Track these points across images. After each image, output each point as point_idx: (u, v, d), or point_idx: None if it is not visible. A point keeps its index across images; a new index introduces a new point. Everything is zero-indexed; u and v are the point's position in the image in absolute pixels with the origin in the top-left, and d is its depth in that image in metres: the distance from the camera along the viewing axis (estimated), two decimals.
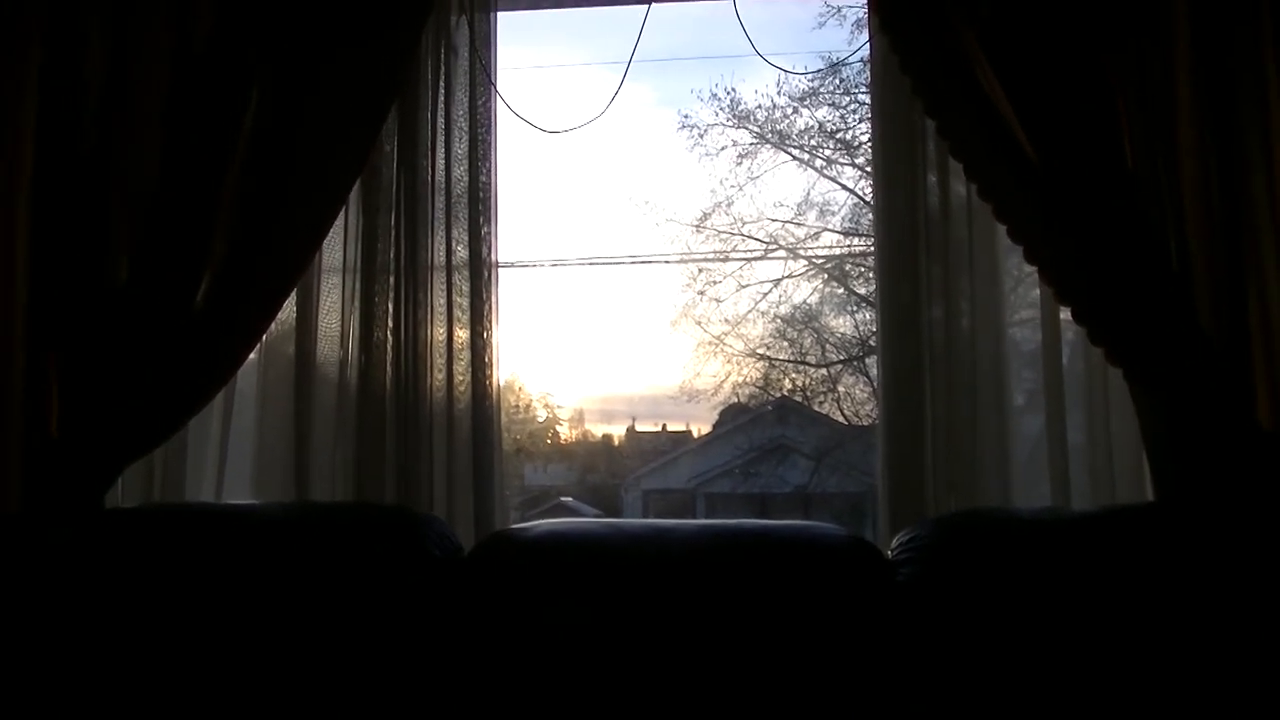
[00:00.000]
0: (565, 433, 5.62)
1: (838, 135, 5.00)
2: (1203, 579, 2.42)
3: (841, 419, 5.25)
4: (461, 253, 3.23)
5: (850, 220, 5.01)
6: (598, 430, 5.73)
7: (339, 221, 3.17)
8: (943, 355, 3.10)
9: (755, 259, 5.08)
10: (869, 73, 3.38)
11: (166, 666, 2.53)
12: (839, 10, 4.32)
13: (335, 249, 3.24)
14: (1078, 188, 2.73)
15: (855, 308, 5.10)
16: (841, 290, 5.18)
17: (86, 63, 3.04)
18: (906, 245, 3.16)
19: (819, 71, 4.61)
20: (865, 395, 5.12)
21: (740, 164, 4.98)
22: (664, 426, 5.71)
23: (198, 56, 3.03)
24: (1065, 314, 2.89)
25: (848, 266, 5.12)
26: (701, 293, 5.08)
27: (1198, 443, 2.73)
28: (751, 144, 4.99)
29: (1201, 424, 2.70)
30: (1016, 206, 2.81)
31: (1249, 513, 2.57)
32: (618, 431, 5.74)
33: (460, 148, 3.24)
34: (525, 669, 2.49)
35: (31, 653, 2.54)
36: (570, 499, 5.37)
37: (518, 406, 5.14)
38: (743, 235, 5.05)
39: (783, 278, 5.13)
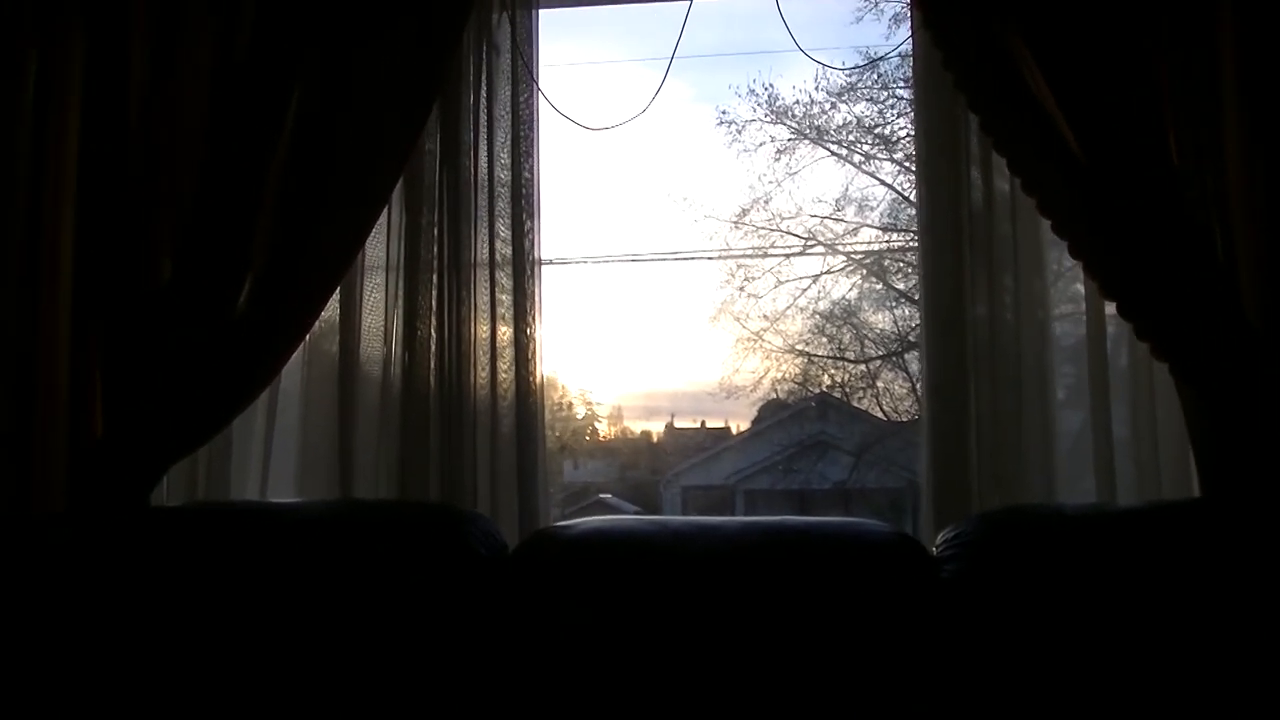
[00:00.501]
0: (604, 429, 5.63)
1: (876, 130, 5.00)
2: (1250, 577, 2.40)
3: (881, 415, 5.23)
4: (504, 249, 3.24)
5: (889, 215, 5.00)
6: (636, 427, 5.74)
7: (381, 219, 3.17)
8: (986, 351, 3.10)
9: (794, 255, 5.07)
10: (909, 68, 3.37)
11: (211, 664, 2.54)
12: (877, 5, 4.30)
13: (378, 246, 3.25)
14: (1123, 183, 2.72)
15: (894, 303, 5.09)
16: (880, 286, 5.17)
17: (130, 67, 3.06)
18: (950, 241, 3.15)
19: (859, 67, 4.60)
20: (904, 391, 5.11)
21: (778, 159, 4.97)
22: (703, 423, 5.71)
23: (239, 59, 3.05)
24: (1109, 308, 2.87)
25: (886, 262, 5.10)
26: (740, 289, 5.07)
27: (1244, 438, 2.71)
28: (790, 139, 4.97)
29: (1248, 419, 2.68)
30: (1061, 201, 2.79)
31: None
32: (656, 428, 5.75)
33: (503, 144, 3.25)
34: (570, 667, 2.49)
35: (77, 651, 2.56)
36: (610, 496, 5.36)
37: (560, 404, 5.15)
38: (781, 231, 5.04)
39: (821, 273, 5.12)
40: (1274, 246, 2.71)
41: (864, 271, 5.16)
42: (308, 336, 3.20)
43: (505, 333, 3.22)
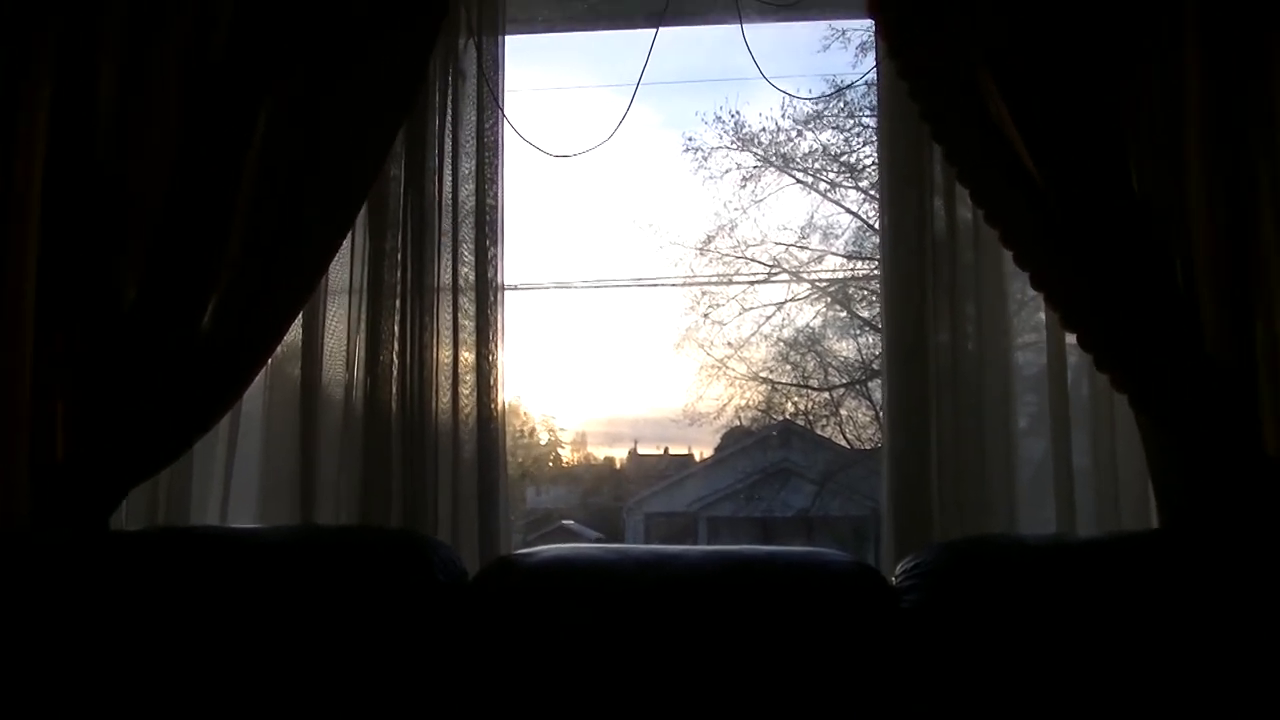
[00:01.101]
0: (568, 455, 5.63)
1: (842, 158, 5.03)
2: (1208, 607, 2.42)
3: (844, 442, 5.26)
4: (468, 274, 3.23)
5: (854, 244, 5.03)
6: (600, 453, 5.74)
7: (345, 244, 3.16)
8: (949, 379, 3.10)
9: (759, 282, 5.09)
10: (875, 97, 3.37)
11: (169, 690, 2.52)
12: (843, 34, 4.32)
13: (342, 270, 3.24)
14: (1086, 214, 2.74)
15: (858, 331, 5.12)
16: (845, 314, 5.20)
17: (99, 86, 3.05)
18: (912, 269, 3.16)
19: (824, 95, 4.63)
20: (868, 419, 5.13)
21: (744, 187, 5.01)
22: (666, 449, 5.72)
23: (208, 80, 3.03)
24: (1070, 338, 2.89)
25: (851, 290, 5.13)
26: (705, 315, 5.10)
27: (1203, 469, 2.72)
28: (755, 167, 5.01)
29: (1207, 450, 2.70)
30: (1024, 232, 2.81)
31: (1255, 540, 2.57)
32: (620, 454, 5.75)
33: (467, 170, 3.25)
34: (530, 695, 2.49)
35: (34, 673, 2.53)
36: (572, 522, 5.36)
37: (521, 431, 5.15)
38: (746, 258, 5.07)
39: (786, 301, 5.16)
40: (1233, 279, 2.72)
41: (828, 299, 5.18)
42: (270, 360, 3.17)
43: (467, 358, 3.21)
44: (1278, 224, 2.73)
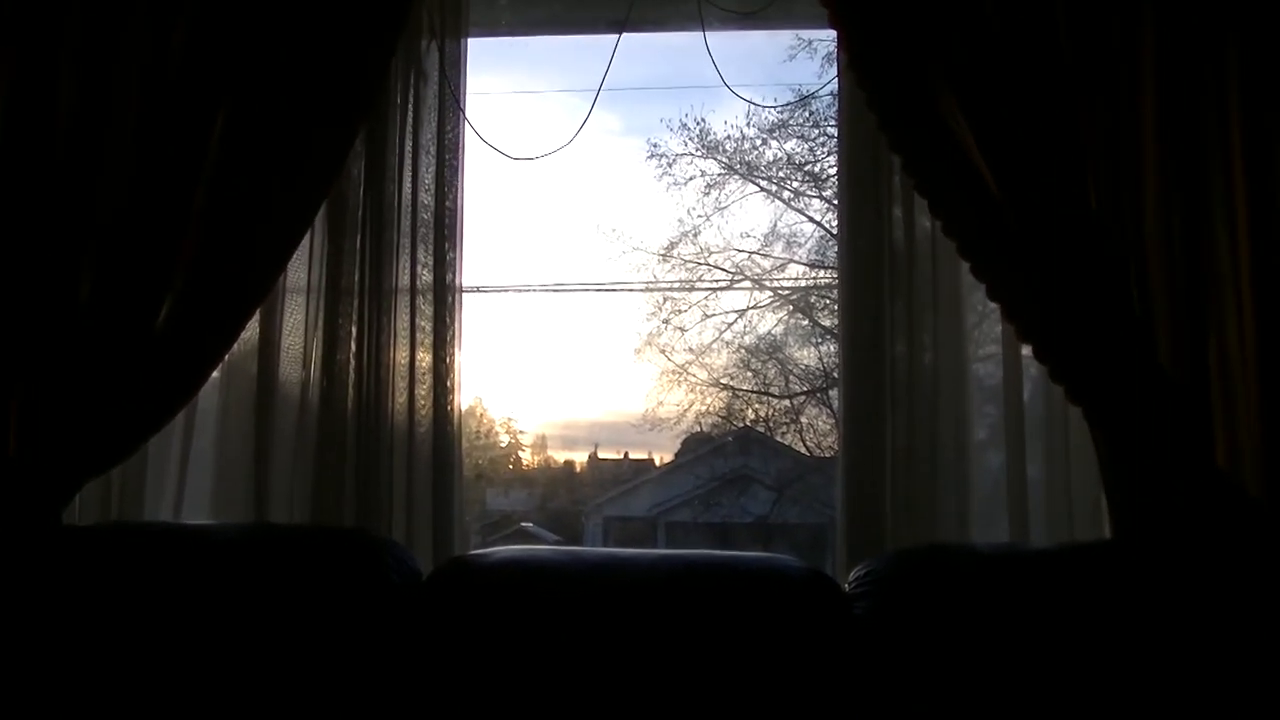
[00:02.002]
0: (528, 458, 5.62)
1: (806, 168, 5.04)
2: (1159, 616, 2.44)
3: (804, 450, 5.25)
4: (426, 277, 3.23)
5: (816, 252, 5.04)
6: (560, 456, 5.73)
7: (304, 243, 3.16)
8: (904, 390, 3.11)
9: (721, 289, 5.10)
10: (838, 106, 3.39)
11: (120, 687, 2.51)
12: (809, 44, 4.34)
13: (300, 270, 3.23)
14: (1043, 227, 2.74)
15: (820, 340, 5.12)
16: (806, 322, 5.20)
17: (58, 86, 3.03)
18: (870, 279, 3.18)
19: (788, 104, 4.64)
20: (828, 427, 5.13)
21: (708, 194, 5.01)
22: (626, 454, 5.70)
23: (167, 79, 3.01)
24: (1027, 351, 2.90)
25: (813, 298, 5.14)
26: (666, 321, 5.10)
27: (1156, 483, 2.74)
28: (720, 174, 5.01)
29: (1160, 465, 2.71)
30: (980, 244, 2.81)
31: (1205, 553, 2.59)
32: (580, 458, 5.74)
33: (427, 172, 3.25)
34: (481, 696, 2.49)
35: None
36: (531, 525, 5.35)
37: (479, 432, 5.14)
38: (709, 265, 5.08)
39: (748, 308, 5.16)
40: (1188, 296, 2.75)
41: (790, 307, 5.19)
42: (226, 358, 3.16)
43: (425, 359, 3.21)
44: (1232, 240, 2.76)
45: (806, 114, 4.91)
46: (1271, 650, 2.38)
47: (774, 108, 4.68)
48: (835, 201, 4.57)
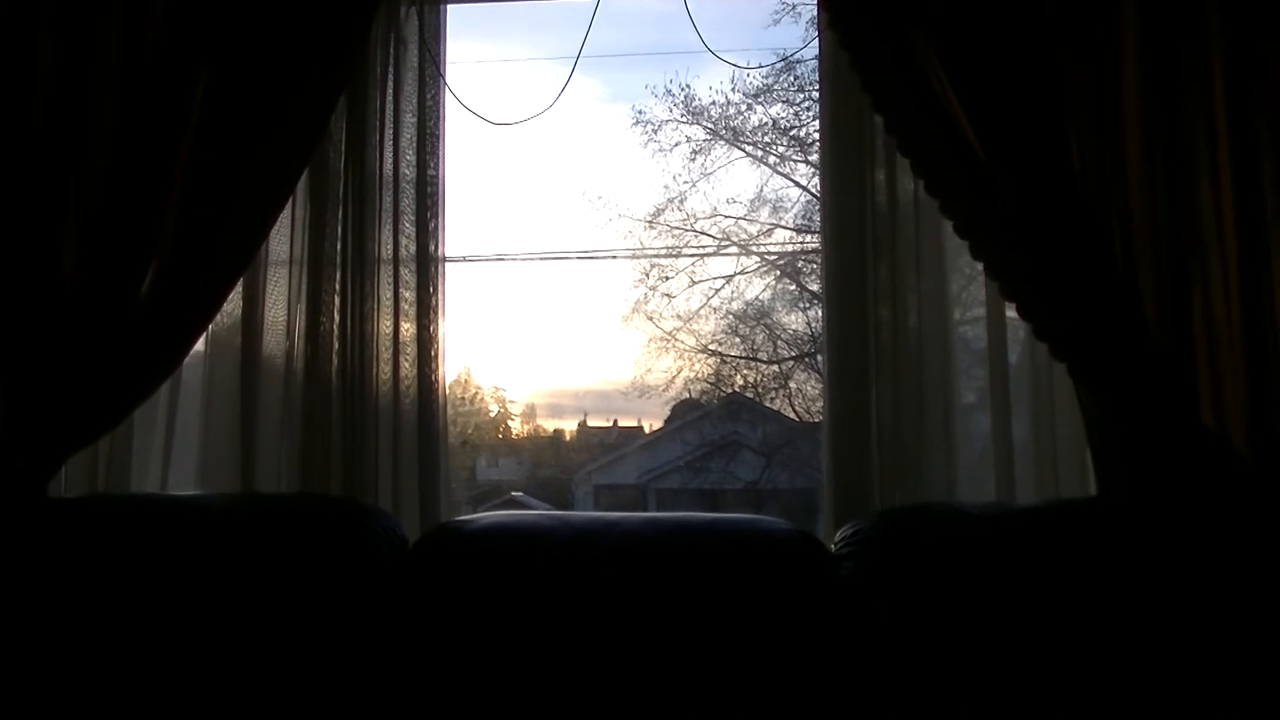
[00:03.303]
0: (517, 428, 5.63)
1: (791, 132, 5.03)
2: (1144, 571, 2.46)
3: (793, 415, 5.26)
4: (408, 246, 3.23)
5: (803, 217, 5.03)
6: (549, 425, 5.73)
7: (286, 214, 3.17)
8: (889, 353, 3.11)
9: (708, 255, 5.09)
10: (819, 69, 3.37)
11: (108, 656, 2.52)
12: (794, 7, 4.34)
13: (282, 242, 3.23)
14: (1024, 186, 2.74)
15: (807, 304, 5.11)
16: (794, 287, 5.20)
17: (38, 55, 3.02)
18: (854, 242, 3.17)
19: (771, 65, 4.63)
20: (816, 392, 5.13)
21: (694, 160, 5.00)
22: (615, 422, 5.71)
23: (147, 48, 3.00)
24: (1013, 313, 2.90)
25: (800, 263, 5.13)
26: (654, 288, 5.10)
27: (1141, 440, 2.74)
28: (705, 140, 5.00)
29: (1145, 422, 2.71)
30: (963, 202, 2.81)
31: (1190, 508, 2.59)
32: (569, 426, 5.75)
33: (408, 140, 3.24)
34: (468, 659, 2.50)
35: None
36: (521, 494, 5.35)
37: (464, 399, 5.14)
38: (695, 231, 5.07)
39: (735, 274, 5.16)
40: (1172, 254, 2.76)
41: (778, 272, 5.18)
42: (210, 329, 3.17)
43: (409, 329, 3.21)
44: (1215, 197, 2.76)
45: (791, 79, 4.90)
46: (1255, 603, 2.39)
47: (759, 69, 4.66)
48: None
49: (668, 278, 5.09)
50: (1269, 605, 2.39)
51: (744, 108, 4.99)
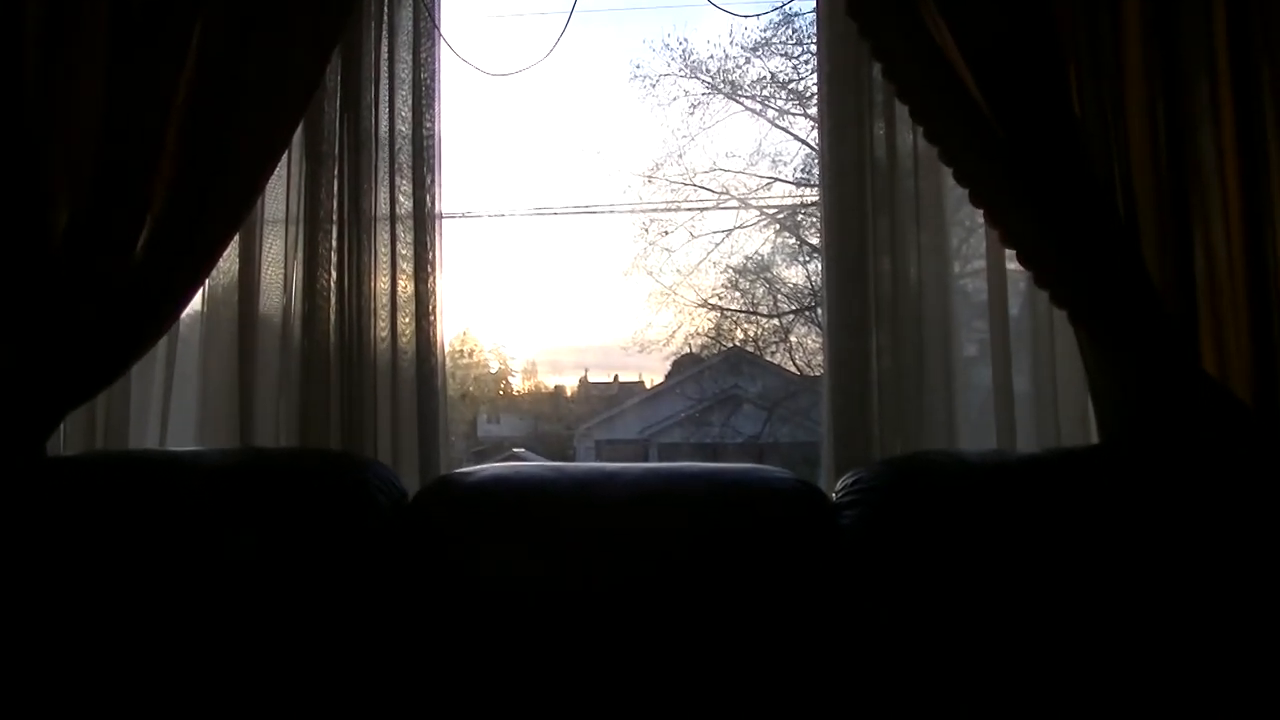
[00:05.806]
0: (518, 384, 5.62)
1: (790, 86, 4.99)
2: (1146, 518, 2.46)
3: (794, 369, 5.25)
4: (405, 203, 3.22)
5: (802, 170, 5.00)
6: (550, 381, 5.73)
7: (282, 172, 3.17)
8: (889, 305, 3.11)
9: (707, 209, 5.07)
10: (816, 19, 3.35)
11: (109, 615, 2.53)
12: None
13: (278, 199, 3.23)
14: (1025, 133, 2.73)
15: (807, 258, 5.09)
16: (793, 240, 5.18)
17: (26, 6, 2.99)
18: (853, 195, 3.16)
19: (765, 13, 4.59)
20: (817, 345, 5.11)
21: (692, 114, 4.97)
22: (616, 377, 5.70)
23: None
24: (1013, 265, 2.89)
25: (799, 217, 5.11)
26: (653, 243, 5.08)
27: (1142, 388, 2.74)
28: (704, 94, 4.97)
29: (1146, 368, 2.71)
30: (962, 150, 2.80)
31: (1192, 456, 2.59)
32: (570, 383, 5.74)
33: (404, 97, 3.23)
34: (468, 612, 2.51)
35: None
36: (523, 450, 5.36)
37: (463, 353, 5.13)
38: (695, 185, 5.04)
39: (735, 228, 5.13)
40: (1173, 203, 2.74)
41: (777, 226, 5.17)
42: (207, 287, 3.18)
43: (407, 286, 3.21)
44: (1217, 144, 2.76)
45: (790, 31, 4.87)
46: (1258, 550, 2.39)
47: (757, 20, 4.64)
48: None
49: (667, 232, 5.07)
50: (1270, 551, 2.39)
51: (742, 61, 4.96)
